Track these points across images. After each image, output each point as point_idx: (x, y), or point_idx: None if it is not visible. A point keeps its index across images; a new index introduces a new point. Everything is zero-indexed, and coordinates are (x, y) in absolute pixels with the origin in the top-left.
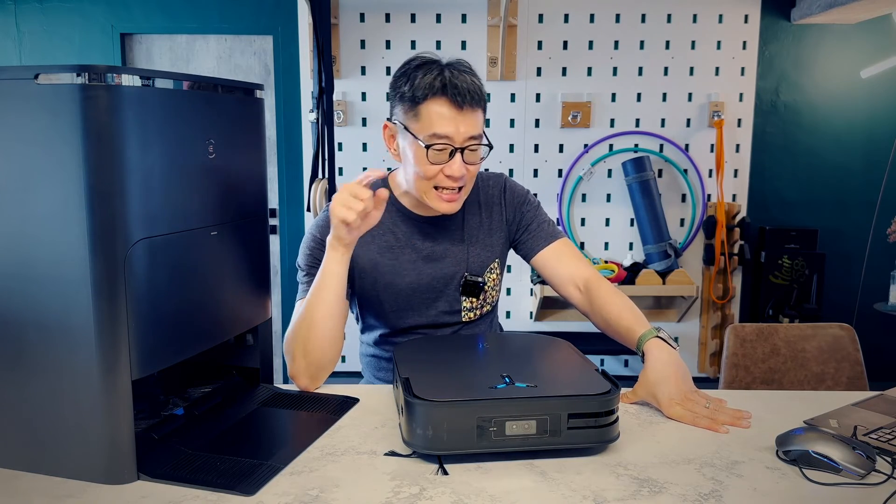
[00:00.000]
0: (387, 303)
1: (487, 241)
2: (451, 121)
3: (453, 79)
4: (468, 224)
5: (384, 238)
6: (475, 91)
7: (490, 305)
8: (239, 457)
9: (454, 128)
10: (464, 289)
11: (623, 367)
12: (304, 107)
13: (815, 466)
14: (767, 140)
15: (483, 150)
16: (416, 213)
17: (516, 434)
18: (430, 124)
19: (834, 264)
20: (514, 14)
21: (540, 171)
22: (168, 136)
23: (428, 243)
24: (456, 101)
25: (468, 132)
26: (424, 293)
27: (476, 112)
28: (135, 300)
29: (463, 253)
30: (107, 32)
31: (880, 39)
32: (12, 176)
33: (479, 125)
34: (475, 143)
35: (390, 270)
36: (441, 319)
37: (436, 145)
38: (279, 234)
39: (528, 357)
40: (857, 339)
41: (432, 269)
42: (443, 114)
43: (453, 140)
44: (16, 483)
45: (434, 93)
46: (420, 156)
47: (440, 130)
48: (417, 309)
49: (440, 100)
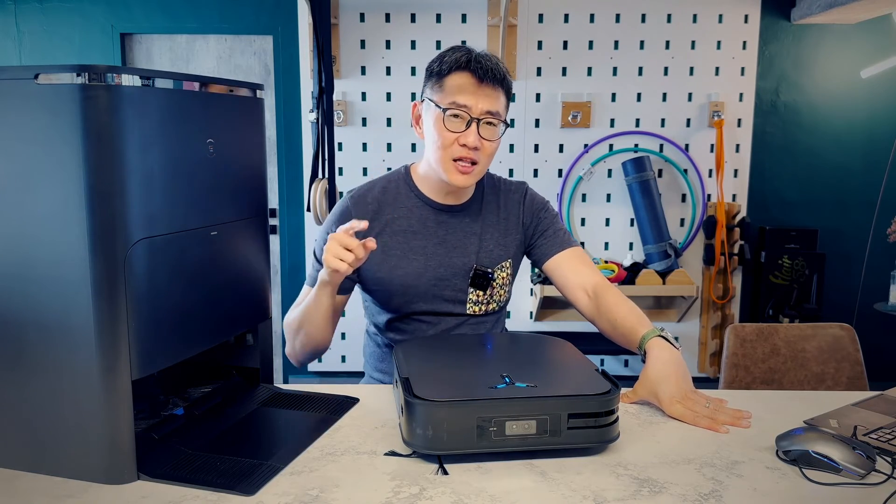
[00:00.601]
0: (393, 284)
1: (502, 240)
2: (470, 92)
3: (478, 57)
4: (485, 219)
5: (398, 222)
6: (497, 70)
7: (497, 304)
8: (239, 457)
9: (473, 99)
10: (472, 279)
11: (623, 367)
12: (304, 107)
13: (815, 466)
14: (767, 140)
15: (500, 129)
16: (434, 200)
17: (516, 434)
18: (452, 93)
19: (834, 264)
20: (514, 14)
21: (540, 171)
22: (168, 136)
23: (441, 231)
24: (477, 74)
25: (486, 106)
26: (431, 279)
27: (496, 90)
28: (135, 300)
29: (475, 245)
30: (107, 32)
31: (880, 39)
32: (12, 176)
33: (497, 103)
34: (492, 118)
35: (399, 253)
36: (445, 308)
37: (454, 111)
38: (279, 234)
39: (528, 357)
40: (857, 339)
41: (442, 255)
42: (463, 85)
43: (471, 110)
44: (16, 483)
45: (458, 67)
46: (439, 123)
47: (459, 99)
48: (423, 295)
49: (463, 73)
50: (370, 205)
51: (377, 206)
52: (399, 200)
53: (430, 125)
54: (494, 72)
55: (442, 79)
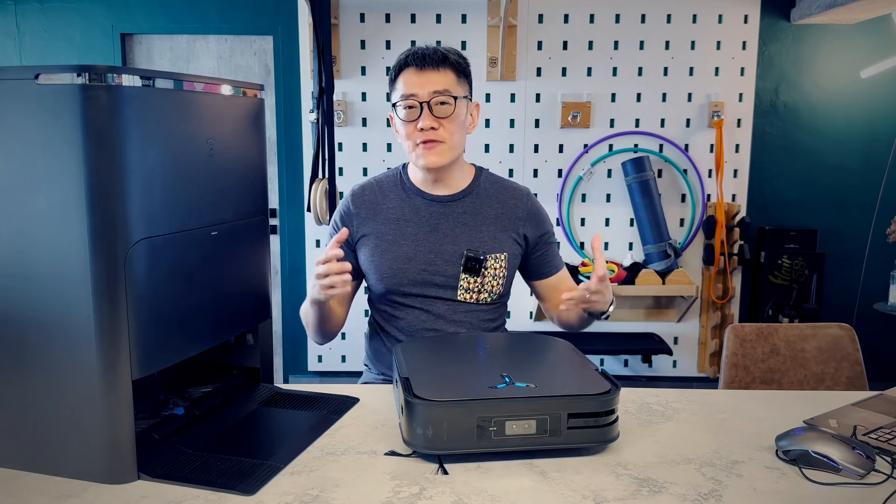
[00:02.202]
0: (383, 267)
1: (497, 234)
2: (414, 82)
3: (418, 50)
4: (479, 212)
5: (391, 211)
6: (435, 54)
7: (489, 295)
8: (239, 456)
9: (418, 87)
10: (465, 264)
11: (623, 367)
12: (304, 107)
13: (814, 466)
14: (767, 140)
15: (457, 105)
16: (425, 192)
17: (516, 434)
18: (401, 89)
19: (834, 264)
20: (514, 14)
21: (540, 171)
22: (168, 136)
23: (433, 220)
24: (416, 64)
25: (431, 88)
26: (421, 263)
27: (440, 71)
28: (135, 300)
29: (467, 234)
30: (107, 32)
31: (880, 39)
32: (12, 176)
33: (442, 82)
34: (441, 97)
35: (391, 238)
36: (435, 293)
37: (404, 103)
38: (279, 234)
39: (528, 357)
40: (857, 339)
41: (433, 242)
42: (407, 78)
43: (418, 96)
44: (16, 483)
45: (402, 65)
46: (397, 118)
47: (406, 91)
48: (413, 280)
49: (406, 69)
50: (367, 197)
51: (373, 197)
52: (394, 191)
53: (396, 125)
54: (432, 57)
55: (393, 82)
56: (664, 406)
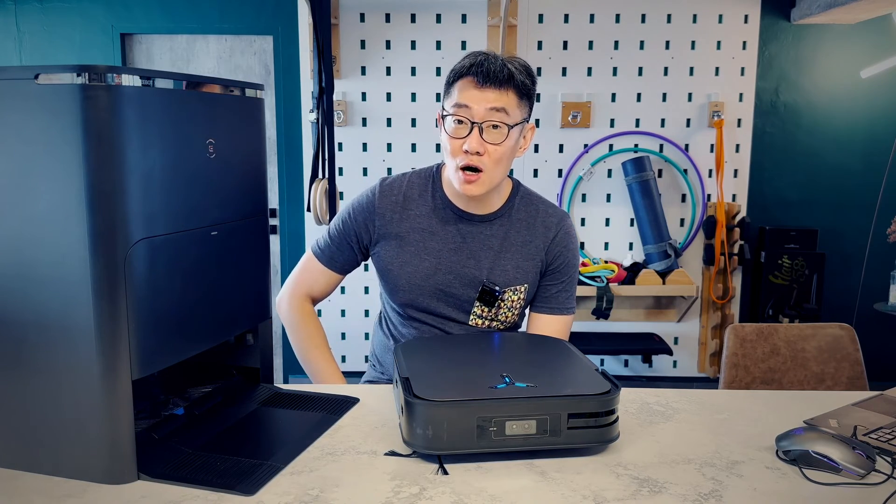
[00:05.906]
0: (401, 279)
1: (522, 263)
2: (471, 96)
3: (484, 61)
4: (508, 237)
5: (419, 219)
6: (500, 72)
7: (501, 325)
8: (239, 457)
9: (474, 102)
10: (480, 295)
11: (623, 367)
12: (304, 107)
13: (815, 466)
14: (767, 140)
15: (509, 132)
16: (456, 206)
17: (516, 434)
18: (455, 99)
19: (834, 264)
20: (514, 14)
21: (540, 171)
22: (168, 136)
23: (459, 238)
24: (478, 79)
25: (487, 105)
26: (439, 282)
27: (499, 91)
28: (135, 300)
29: (490, 260)
30: (107, 32)
31: (880, 39)
32: (12, 176)
33: (501, 103)
34: (495, 121)
35: (413, 250)
36: (447, 313)
37: (455, 116)
38: (279, 234)
39: (528, 357)
40: (857, 339)
41: (455, 262)
42: (464, 89)
43: (472, 113)
44: (16, 483)
45: (463, 73)
46: (445, 130)
47: (460, 101)
48: (428, 295)
49: (466, 78)
50: (395, 196)
51: (402, 198)
52: (424, 198)
53: (442, 132)
54: (497, 75)
55: (450, 86)
56: (664, 406)
